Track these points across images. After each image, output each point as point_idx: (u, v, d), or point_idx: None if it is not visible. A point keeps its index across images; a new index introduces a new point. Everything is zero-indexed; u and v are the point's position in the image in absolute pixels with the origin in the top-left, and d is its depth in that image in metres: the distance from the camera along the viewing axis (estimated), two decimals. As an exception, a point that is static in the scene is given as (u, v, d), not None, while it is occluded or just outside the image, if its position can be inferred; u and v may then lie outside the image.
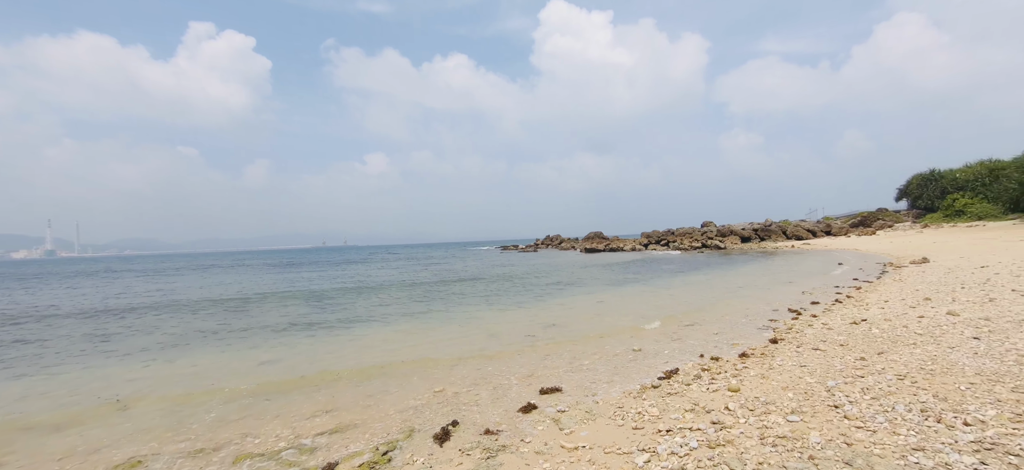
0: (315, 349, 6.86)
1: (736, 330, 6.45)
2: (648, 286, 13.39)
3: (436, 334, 7.55)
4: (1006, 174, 33.08)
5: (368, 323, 8.93)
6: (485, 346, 6.50)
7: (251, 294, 14.88)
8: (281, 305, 11.92)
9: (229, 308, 11.67)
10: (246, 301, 13.03)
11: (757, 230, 36.77)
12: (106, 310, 12.13)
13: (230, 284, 19.16)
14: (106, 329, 9.29)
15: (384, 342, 7.12)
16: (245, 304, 12.40)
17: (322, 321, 9.28)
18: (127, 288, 18.93)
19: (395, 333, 7.80)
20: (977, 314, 5.75)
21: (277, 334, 8.09)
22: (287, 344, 7.25)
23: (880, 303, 7.48)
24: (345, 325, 8.75)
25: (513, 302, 11.11)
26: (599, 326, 7.51)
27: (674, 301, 9.96)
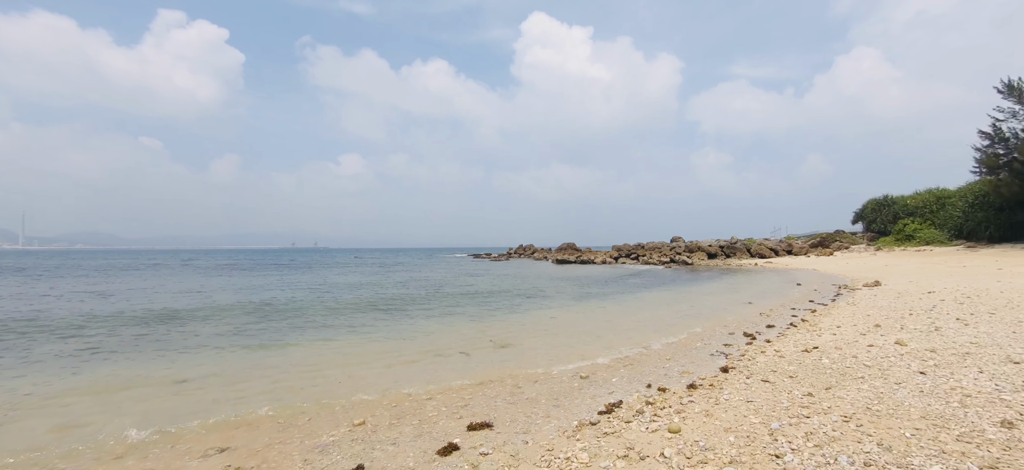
0: (233, 368, 6.23)
1: (689, 356, 6.23)
2: (612, 302, 13.20)
3: (376, 353, 7.03)
4: (951, 202, 35.06)
5: (305, 337, 8.30)
6: (426, 369, 6.04)
7: (187, 302, 13.86)
8: (215, 316, 11.06)
9: (151, 319, 10.72)
10: (172, 313, 12.04)
11: (723, 247, 37.61)
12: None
13: (170, 288, 17.89)
14: None
15: (317, 360, 6.55)
16: (172, 315, 11.45)
17: (255, 335, 8.58)
18: (50, 288, 17.38)
19: (332, 350, 7.23)
20: (924, 344, 5.72)
21: (194, 352, 7.38)
22: (208, 361, 6.58)
23: (833, 329, 7.45)
24: (278, 340, 8.10)
25: (470, 316, 10.67)
26: (552, 347, 7.17)
27: (633, 320, 9.76)
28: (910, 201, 39.11)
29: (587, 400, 4.50)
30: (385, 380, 5.44)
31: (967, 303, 9.01)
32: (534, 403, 4.46)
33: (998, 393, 3.80)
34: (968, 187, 34.08)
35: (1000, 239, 29.08)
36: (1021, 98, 27.73)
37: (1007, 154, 28.38)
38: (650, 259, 37.08)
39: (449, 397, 4.76)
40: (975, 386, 4.02)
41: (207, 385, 5.40)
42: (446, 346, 7.30)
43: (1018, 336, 5.86)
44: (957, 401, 3.69)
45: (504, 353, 6.79)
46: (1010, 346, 5.37)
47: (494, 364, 6.12)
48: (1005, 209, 28.98)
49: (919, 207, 37.72)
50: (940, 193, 37.29)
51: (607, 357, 6.34)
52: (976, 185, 32.34)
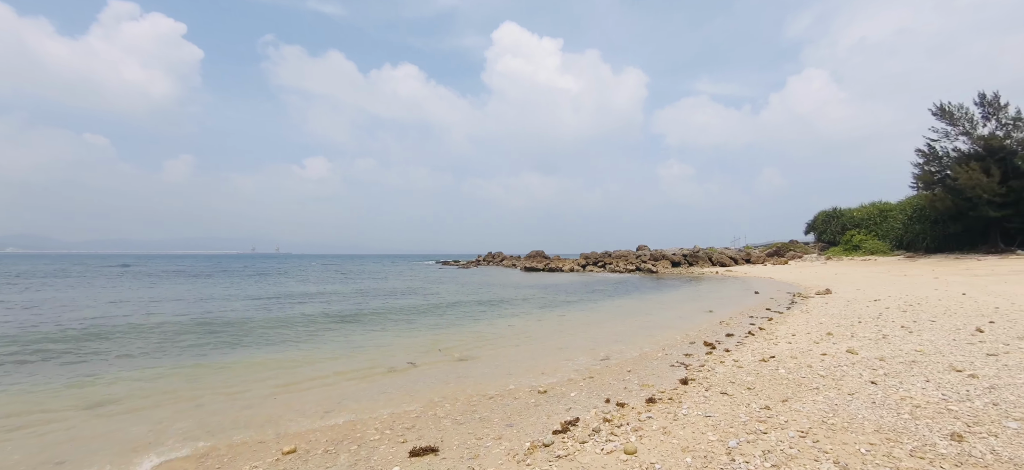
0: (156, 390, 5.61)
1: (650, 367, 6.11)
2: (576, 312, 13.11)
3: (321, 370, 6.54)
4: (892, 215, 37.48)
5: (242, 354, 7.67)
6: (374, 386, 5.64)
7: (115, 314, 12.74)
8: (144, 331, 10.15)
9: (68, 336, 9.71)
10: (94, 329, 10.99)
11: (686, 255, 38.64)
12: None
13: (100, 298, 16.46)
14: None
15: (253, 379, 6.01)
16: (94, 331, 10.44)
17: (186, 352, 7.87)
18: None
19: (272, 367, 6.67)
20: (873, 353, 5.83)
21: (113, 372, 6.66)
22: (127, 383, 5.91)
23: (788, 337, 7.56)
24: (211, 358, 7.44)
25: (428, 327, 10.26)
26: (512, 360, 6.90)
27: (597, 331, 9.65)
28: (856, 213, 41.56)
29: (543, 418, 4.25)
30: (327, 400, 5.01)
31: (910, 311, 9.42)
32: (486, 423, 4.17)
33: (945, 403, 3.82)
34: (907, 201, 36.55)
35: (936, 250, 31.25)
36: (952, 121, 30.06)
37: (940, 171, 30.63)
38: (617, 267, 37.60)
39: (395, 418, 4.40)
40: (923, 395, 4.05)
41: (120, 412, 4.80)
42: (399, 360, 6.89)
43: (957, 343, 6.08)
44: (908, 412, 3.68)
45: (461, 367, 6.46)
46: (951, 353, 5.54)
47: (449, 379, 5.79)
48: (939, 222, 31.19)
49: (864, 219, 40.13)
50: (883, 206, 39.83)
51: (568, 370, 6.14)
52: (914, 199, 34.70)
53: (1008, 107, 28.51)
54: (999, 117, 28.70)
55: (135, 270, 37.72)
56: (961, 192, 27.40)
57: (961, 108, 29.74)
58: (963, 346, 5.88)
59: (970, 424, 3.35)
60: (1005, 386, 4.16)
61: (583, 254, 44.20)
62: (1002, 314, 8.20)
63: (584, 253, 44.36)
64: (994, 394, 3.95)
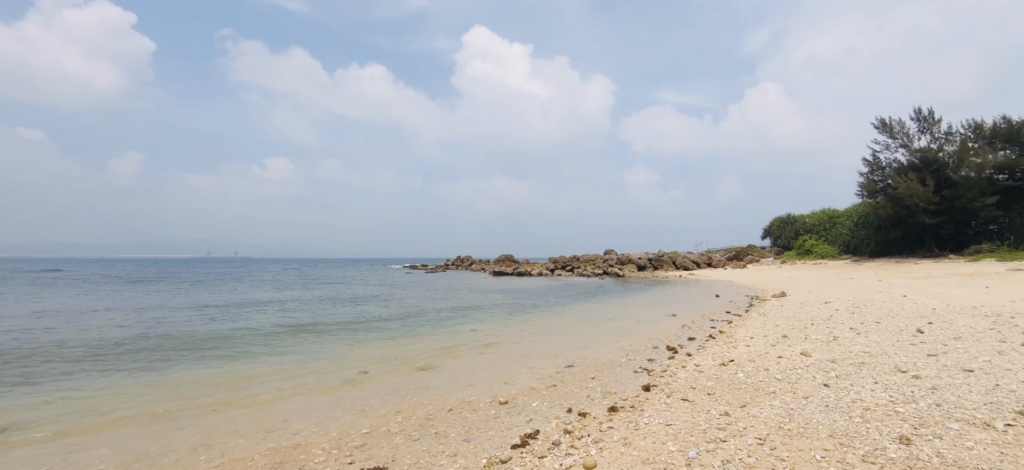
0: (75, 412, 5.06)
1: (613, 374, 6.06)
2: (542, 317, 13.03)
3: (268, 385, 6.12)
4: (840, 221, 39.84)
5: (179, 370, 7.11)
6: (324, 402, 5.30)
7: (32, 327, 11.67)
8: (64, 351, 9.30)
9: None
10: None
11: (651, 260, 39.57)
12: None
13: (15, 312, 15.05)
14: None
15: (189, 397, 5.53)
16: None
17: (116, 368, 7.22)
18: None
19: (213, 383, 6.18)
20: (825, 355, 6.00)
21: (27, 389, 6.00)
22: (44, 401, 5.31)
23: (746, 340, 7.72)
24: (141, 378, 6.85)
25: (389, 335, 9.89)
26: (474, 368, 6.69)
27: (561, 337, 9.58)
28: (808, 219, 43.91)
29: (502, 431, 4.08)
30: (270, 418, 4.64)
31: (857, 313, 9.88)
32: (442, 439, 3.95)
33: (893, 405, 3.92)
34: (853, 208, 38.92)
35: (879, 254, 33.37)
36: (892, 134, 32.26)
37: (883, 181, 32.77)
38: (585, 271, 38.01)
39: (344, 436, 4.11)
40: (872, 398, 4.15)
41: (23, 443, 4.26)
42: (354, 372, 6.54)
43: (901, 344, 6.36)
44: (859, 415, 3.74)
45: (420, 378, 6.19)
46: (896, 354, 5.77)
47: (407, 391, 5.51)
48: (882, 228, 33.36)
49: (815, 225, 42.44)
50: (832, 213, 42.26)
51: (531, 378, 5.99)
52: (860, 207, 37.00)
53: (941, 122, 30.91)
54: (933, 131, 31.04)
55: (68, 276, 34.86)
56: (900, 200, 29.39)
57: (900, 122, 31.98)
58: (906, 347, 6.15)
59: (916, 426, 3.43)
60: (945, 386, 4.33)
61: (552, 258, 44.46)
62: (939, 315, 8.72)
63: (553, 257, 44.62)
64: (936, 395, 4.09)
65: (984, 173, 27.96)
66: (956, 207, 28.17)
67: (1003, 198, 27.04)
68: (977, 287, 13.50)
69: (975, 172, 28.00)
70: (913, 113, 31.52)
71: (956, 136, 30.28)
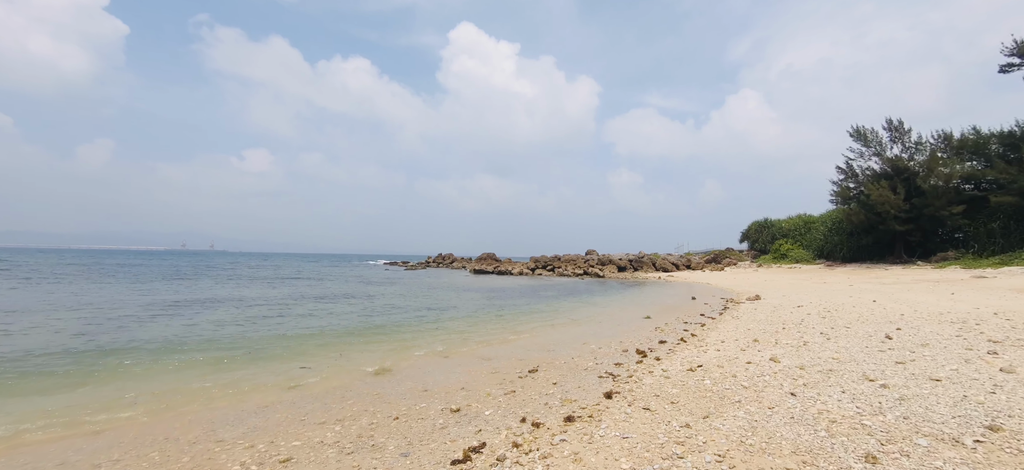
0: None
1: (577, 379, 5.77)
2: (515, 317, 12.72)
3: (205, 388, 5.65)
4: (815, 227, 40.67)
5: (101, 375, 6.56)
6: (264, 409, 4.87)
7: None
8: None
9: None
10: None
11: (632, 261, 39.71)
12: None
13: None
14: None
15: (109, 399, 5.03)
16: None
17: (37, 372, 6.63)
18: None
19: (148, 385, 5.68)
20: (794, 361, 5.83)
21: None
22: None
23: (717, 344, 7.55)
24: (51, 387, 6.29)
25: (352, 334, 9.43)
26: (432, 371, 6.33)
27: (531, 337, 9.28)
28: (784, 224, 44.74)
29: (446, 443, 3.73)
30: (197, 427, 4.20)
31: (828, 317, 9.85)
32: (378, 452, 3.58)
33: (860, 417, 3.72)
34: (828, 214, 39.78)
35: (851, 259, 34.14)
36: (866, 142, 33.01)
37: (856, 188, 33.53)
38: (565, 271, 37.90)
39: (272, 449, 3.70)
40: (839, 409, 3.95)
41: (-98, 447, 3.73)
42: (303, 376, 6.10)
43: (870, 351, 6.25)
44: (824, 429, 3.52)
45: (373, 382, 5.80)
46: (864, 361, 5.64)
47: (354, 397, 5.12)
48: (855, 234, 34.13)
49: (791, 229, 43.26)
50: (807, 218, 43.13)
51: (490, 383, 5.66)
52: (834, 213, 37.81)
53: (911, 132, 31.75)
54: (903, 141, 31.87)
55: (8, 266, 32.98)
56: (872, 207, 30.07)
57: (873, 131, 32.75)
58: (875, 353, 6.04)
59: (883, 442, 3.21)
60: (913, 397, 4.16)
61: (533, 258, 44.24)
62: (907, 321, 8.71)
63: (534, 257, 44.42)
64: (904, 406, 3.91)
65: (951, 183, 28.80)
66: (924, 215, 28.95)
67: (969, 207, 27.89)
68: (943, 293, 13.73)
69: (943, 181, 28.83)
70: (885, 123, 32.31)
71: (925, 146, 31.15)
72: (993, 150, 28.44)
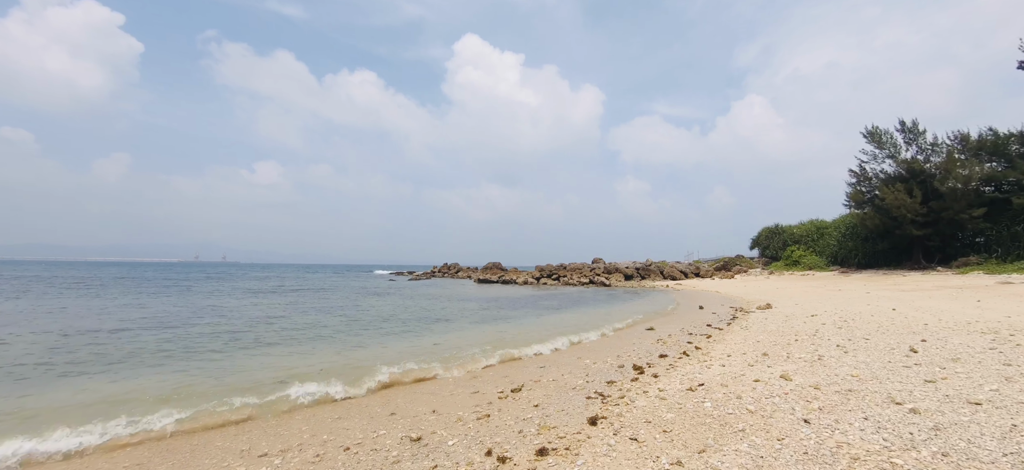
0: None
1: (563, 400, 5.19)
2: (512, 328, 12.15)
3: (162, 403, 5.17)
4: (828, 232, 39.53)
5: (52, 393, 6.11)
6: (206, 437, 4.37)
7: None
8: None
9: None
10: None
11: (639, 269, 38.88)
12: None
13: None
14: None
15: (51, 416, 4.56)
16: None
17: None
18: None
19: (87, 395, 5.22)
20: (808, 379, 5.19)
21: None
22: None
23: (723, 358, 6.91)
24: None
25: (334, 349, 8.92)
26: (404, 392, 5.78)
27: (519, 351, 8.69)
28: (796, 230, 43.60)
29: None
30: (126, 461, 3.70)
31: (845, 328, 9.13)
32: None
33: (888, 453, 3.10)
34: (841, 219, 38.65)
35: (867, 265, 32.98)
36: (880, 144, 32.04)
37: (870, 191, 32.48)
38: (571, 280, 37.19)
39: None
40: (862, 441, 3.32)
41: None
42: (262, 397, 5.58)
43: (893, 366, 5.58)
44: (844, 468, 2.91)
45: (338, 407, 5.27)
46: (888, 379, 4.98)
47: (311, 423, 4.60)
48: (869, 239, 33.01)
49: (803, 235, 42.12)
50: (819, 224, 41.98)
51: (466, 405, 5.10)
52: (847, 217, 36.71)
53: (926, 134, 30.74)
54: (919, 143, 30.84)
55: (28, 278, 33.17)
56: (888, 211, 29.04)
57: (887, 133, 31.77)
58: (899, 370, 5.37)
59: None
60: (950, 425, 3.52)
61: (538, 266, 43.62)
62: (932, 332, 7.98)
63: (539, 265, 43.78)
64: (941, 439, 3.28)
65: (971, 185, 27.71)
66: (943, 219, 27.85)
67: (990, 210, 26.77)
68: (968, 300, 12.87)
69: (962, 184, 27.74)
70: (898, 124, 31.35)
71: (942, 147, 30.11)
72: (1014, 150, 27.36)
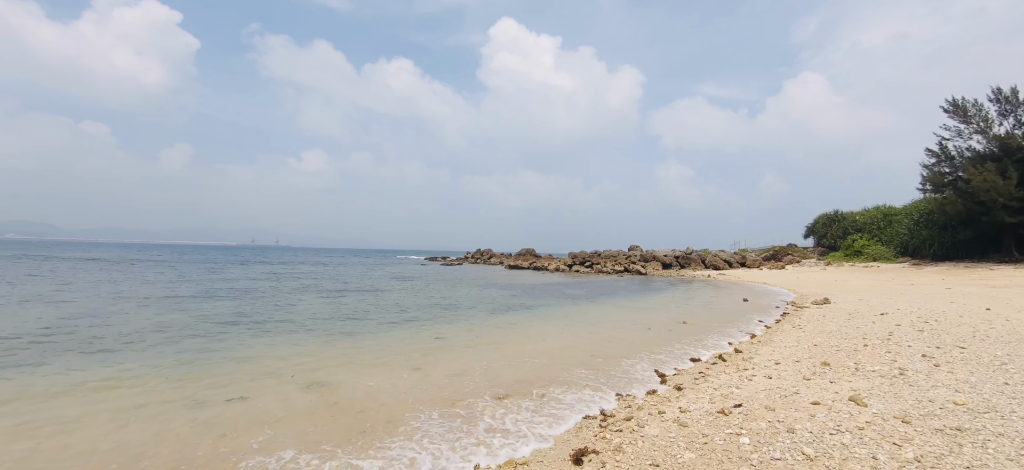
0: None
1: (554, 416, 4.12)
2: (529, 318, 11.13)
3: (82, 410, 4.57)
4: (897, 220, 35.35)
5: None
6: (152, 426, 3.66)
7: None
8: None
9: None
10: None
11: (678, 257, 36.60)
12: None
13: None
14: None
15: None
16: None
17: None
18: None
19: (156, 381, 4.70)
20: (890, 406, 3.83)
21: None
22: None
23: (769, 366, 5.58)
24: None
25: (323, 338, 8.22)
26: (374, 390, 4.90)
27: (537, 342, 7.70)
28: (859, 217, 39.42)
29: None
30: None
31: (928, 330, 7.42)
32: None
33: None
34: (913, 205, 34.39)
35: (944, 257, 29.17)
36: (966, 118, 27.92)
37: (952, 172, 28.48)
38: (604, 268, 35.55)
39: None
40: (1002, 532, 2.05)
41: None
42: (218, 391, 4.87)
43: (1015, 391, 4.07)
44: None
45: (297, 400, 4.46)
46: (1013, 413, 3.53)
47: (245, 423, 3.79)
48: (949, 227, 29.08)
49: (867, 223, 37.99)
50: (887, 210, 37.67)
51: (433, 419, 4.14)
52: (921, 203, 32.57)
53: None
54: (1017, 114, 26.58)
55: (141, 259, 35.78)
56: (974, 195, 25.30)
57: (976, 104, 27.60)
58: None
59: None
60: None
61: (571, 253, 42.16)
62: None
63: (572, 252, 42.32)
64: None
65: (1082, 165, 23.53)
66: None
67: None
68: (1089, 301, 10.49)
69: (1070, 164, 23.61)
70: (992, 93, 27.10)
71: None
72: None
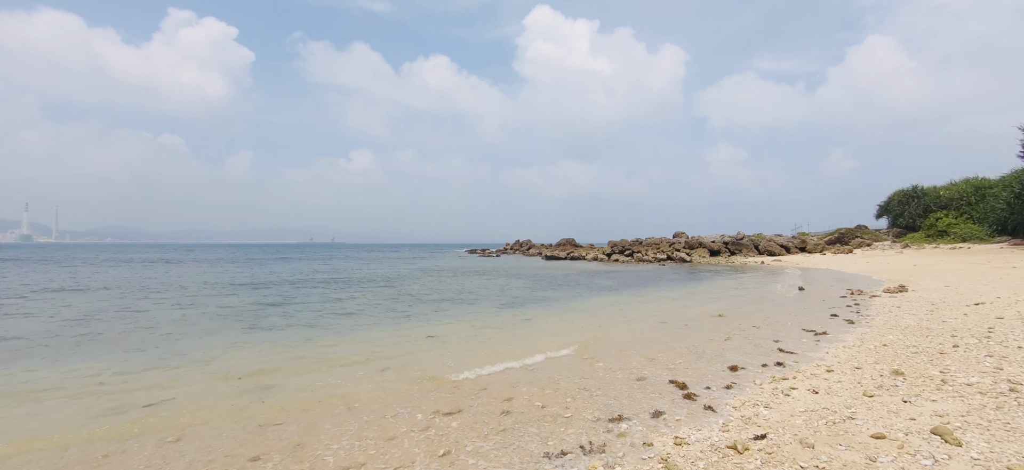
0: None
1: (517, 449, 3.28)
2: (548, 312, 10.28)
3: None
4: (993, 193, 30.65)
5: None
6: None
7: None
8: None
9: None
10: None
11: (728, 243, 34.00)
12: None
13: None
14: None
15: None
16: None
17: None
18: None
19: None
20: (1000, 447, 2.67)
21: None
22: None
23: (818, 373, 4.43)
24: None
25: (306, 332, 7.79)
26: (318, 392, 4.28)
27: (543, 338, 6.82)
28: (943, 193, 34.65)
29: None
30: None
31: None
32: None
33: None
34: (1014, 176, 29.59)
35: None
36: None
37: (1063, 135, 24.12)
38: (645, 256, 33.74)
39: None
40: None
41: None
42: (141, 395, 4.44)
43: None
44: None
45: (230, 403, 3.94)
46: None
47: (231, 456, 3.28)
48: (1059, 200, 24.76)
49: (954, 198, 33.30)
50: (979, 183, 32.79)
51: (362, 436, 3.43)
52: (1023, 174, 28.01)
53: None
54: None
55: (225, 258, 38.72)
56: (1094, 160, 21.20)
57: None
58: None
59: None
60: None
61: (611, 242, 40.49)
62: None
63: (612, 241, 40.64)
64: None
65: None
66: None
67: None
68: None
69: None
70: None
71: None
72: None
